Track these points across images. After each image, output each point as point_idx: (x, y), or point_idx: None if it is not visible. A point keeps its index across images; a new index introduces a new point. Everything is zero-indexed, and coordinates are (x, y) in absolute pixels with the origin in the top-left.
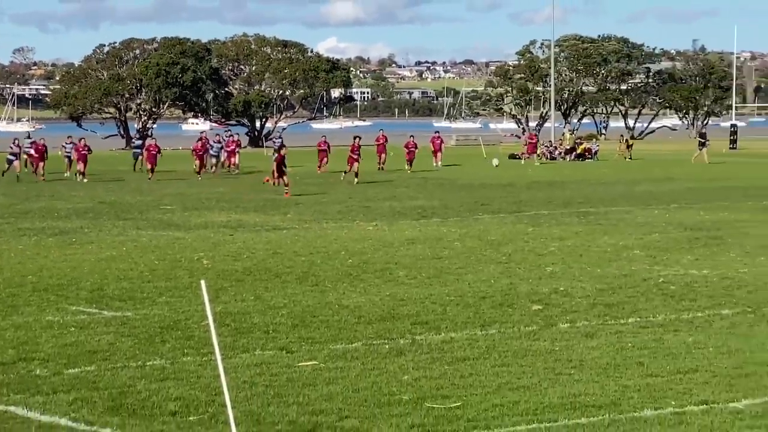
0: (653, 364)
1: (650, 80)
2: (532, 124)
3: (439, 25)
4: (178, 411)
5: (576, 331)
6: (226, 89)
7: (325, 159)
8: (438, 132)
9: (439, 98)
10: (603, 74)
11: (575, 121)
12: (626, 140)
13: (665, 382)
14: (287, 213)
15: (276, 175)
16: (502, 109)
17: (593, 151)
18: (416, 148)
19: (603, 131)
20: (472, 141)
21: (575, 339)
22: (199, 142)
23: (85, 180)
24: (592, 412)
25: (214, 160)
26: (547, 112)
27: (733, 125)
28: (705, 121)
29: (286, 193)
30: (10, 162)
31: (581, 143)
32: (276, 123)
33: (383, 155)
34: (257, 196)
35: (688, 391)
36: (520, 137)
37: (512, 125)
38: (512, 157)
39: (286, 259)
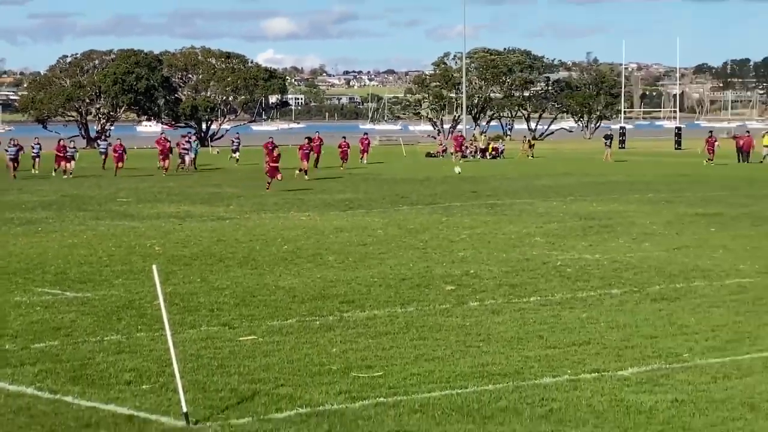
0: (552, 337)
1: (549, 88)
2: (447, 126)
3: (364, 40)
4: (133, 380)
5: (484, 308)
6: (176, 95)
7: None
8: (366, 133)
9: (365, 103)
10: (508, 83)
11: (484, 123)
12: (529, 141)
13: (562, 353)
14: (230, 205)
15: (271, 172)
16: (419, 113)
17: (500, 150)
18: (349, 147)
19: (508, 133)
20: (393, 141)
21: (483, 315)
22: (183, 138)
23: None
24: (498, 379)
25: (188, 159)
26: (459, 116)
27: (622, 128)
28: (597, 124)
29: (268, 186)
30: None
31: (489, 143)
32: (220, 125)
33: (319, 155)
34: (203, 190)
35: (581, 361)
36: (435, 138)
37: (429, 127)
38: (428, 155)
39: (229, 246)
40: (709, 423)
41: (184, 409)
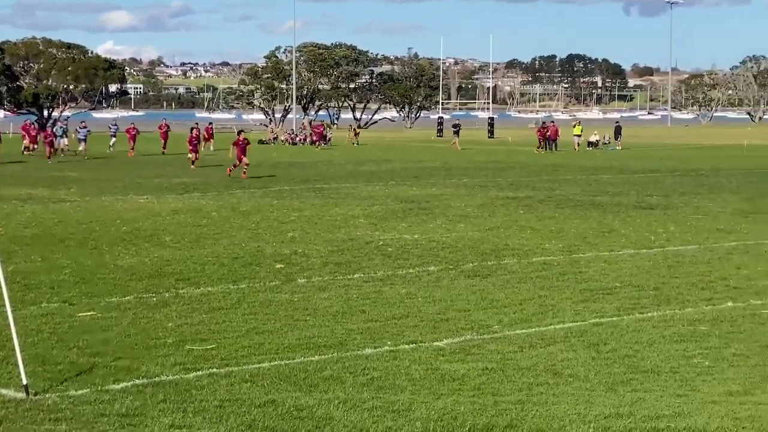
0: (373, 311)
1: (373, 80)
2: (278, 115)
3: (200, 33)
4: None
5: (311, 285)
6: (18, 83)
7: (132, 142)
8: (212, 123)
9: (200, 93)
10: (335, 75)
11: (313, 113)
12: (354, 129)
13: (383, 326)
14: (71, 188)
15: (238, 158)
16: (252, 103)
17: (327, 137)
18: (200, 133)
19: (335, 122)
20: (228, 129)
21: (311, 291)
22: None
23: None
24: (323, 351)
25: (59, 142)
26: (289, 106)
27: (439, 117)
28: (417, 114)
29: (244, 173)
30: None
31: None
32: (61, 112)
33: (166, 141)
34: (45, 174)
35: (400, 333)
36: (267, 126)
37: (261, 116)
38: (261, 142)
39: (70, 227)
40: (516, 388)
41: (24, 381)
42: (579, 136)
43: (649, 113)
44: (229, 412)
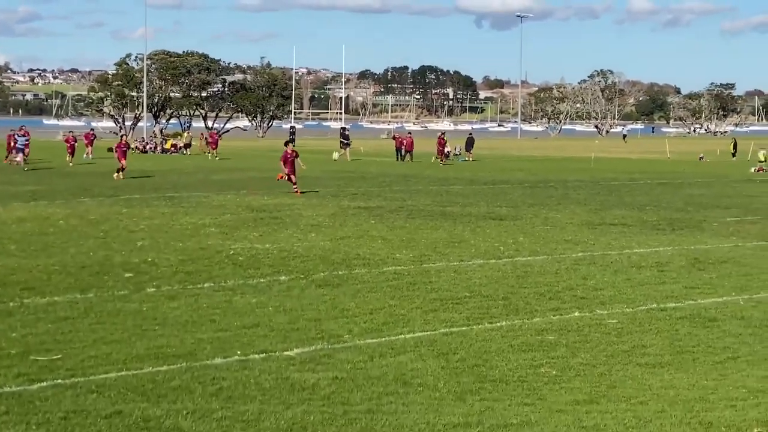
0: (224, 320)
1: (226, 89)
2: (128, 123)
3: (50, 39)
4: None
5: (161, 294)
6: None
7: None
8: (93, 129)
9: (49, 100)
10: (187, 83)
11: (164, 121)
12: (206, 138)
13: (233, 336)
14: None
15: (289, 175)
16: (102, 110)
17: (178, 146)
18: (76, 141)
19: (187, 130)
20: (79, 137)
21: (160, 301)
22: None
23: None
24: (172, 360)
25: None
26: (140, 114)
27: (291, 127)
28: (270, 124)
29: (297, 191)
30: None
31: (168, 139)
32: None
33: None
34: None
35: (251, 343)
36: (117, 134)
37: (111, 124)
38: (110, 150)
39: None
40: (366, 397)
41: None
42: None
43: (499, 125)
44: (74, 423)
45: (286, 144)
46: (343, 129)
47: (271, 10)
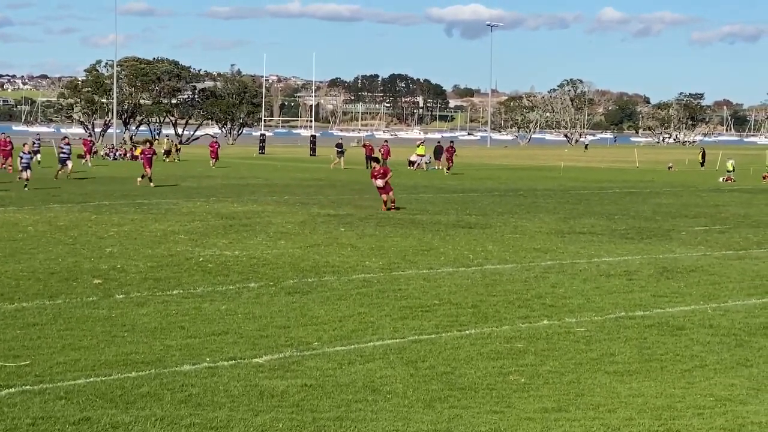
0: (193, 327)
1: (196, 96)
2: (98, 130)
3: (19, 44)
4: None
5: (130, 300)
6: None
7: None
8: (92, 136)
9: (18, 106)
10: (157, 90)
11: (134, 128)
12: (176, 145)
13: (202, 342)
14: None
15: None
16: (72, 116)
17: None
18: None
19: (157, 137)
20: (45, 143)
21: (129, 307)
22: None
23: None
24: (140, 367)
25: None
26: (110, 120)
27: (262, 134)
28: (240, 131)
29: (393, 206)
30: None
31: (138, 146)
32: None
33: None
34: None
35: (220, 350)
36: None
37: (81, 130)
38: (80, 156)
39: None
40: (335, 405)
41: None
42: (423, 155)
43: (469, 134)
44: (42, 430)
45: (375, 160)
46: (340, 142)
47: (241, 18)
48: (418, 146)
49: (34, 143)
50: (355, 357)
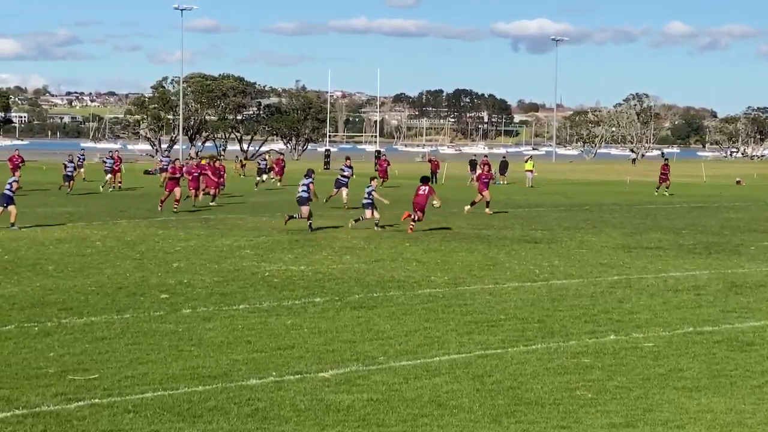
0: (259, 342)
1: (261, 112)
2: (164, 146)
3: (88, 62)
4: None
5: (196, 315)
6: None
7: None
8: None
9: (86, 123)
10: (223, 106)
11: (200, 144)
12: (241, 161)
13: (268, 357)
14: None
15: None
16: (138, 133)
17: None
18: (121, 161)
19: (222, 153)
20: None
21: (195, 322)
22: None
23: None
24: (207, 381)
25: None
26: (176, 136)
27: (327, 150)
28: (305, 147)
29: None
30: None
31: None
32: None
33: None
34: None
35: (286, 364)
36: (153, 156)
37: (147, 146)
38: (146, 172)
39: None
40: (401, 419)
41: None
42: (531, 171)
43: (534, 149)
44: None
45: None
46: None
47: (305, 34)
48: (527, 161)
49: (79, 158)
50: (420, 371)
